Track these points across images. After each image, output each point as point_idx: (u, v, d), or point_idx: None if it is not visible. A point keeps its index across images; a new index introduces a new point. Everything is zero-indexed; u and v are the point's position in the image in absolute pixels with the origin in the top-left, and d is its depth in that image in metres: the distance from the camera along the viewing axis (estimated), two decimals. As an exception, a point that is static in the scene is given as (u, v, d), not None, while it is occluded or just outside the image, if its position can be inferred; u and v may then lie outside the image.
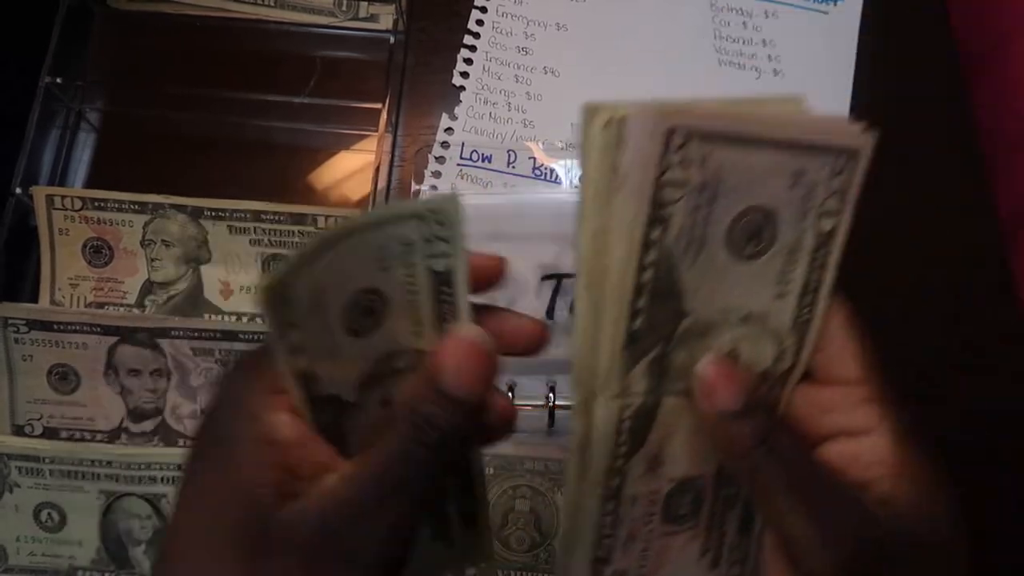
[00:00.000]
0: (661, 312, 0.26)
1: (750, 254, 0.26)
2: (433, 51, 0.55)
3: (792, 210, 0.26)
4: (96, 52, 0.55)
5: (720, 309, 0.27)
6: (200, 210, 0.48)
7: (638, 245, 0.24)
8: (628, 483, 0.28)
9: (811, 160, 0.25)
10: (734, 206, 0.25)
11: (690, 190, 0.24)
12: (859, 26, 0.56)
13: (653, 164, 0.23)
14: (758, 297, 0.27)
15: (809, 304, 0.27)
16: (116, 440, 0.46)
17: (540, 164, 0.52)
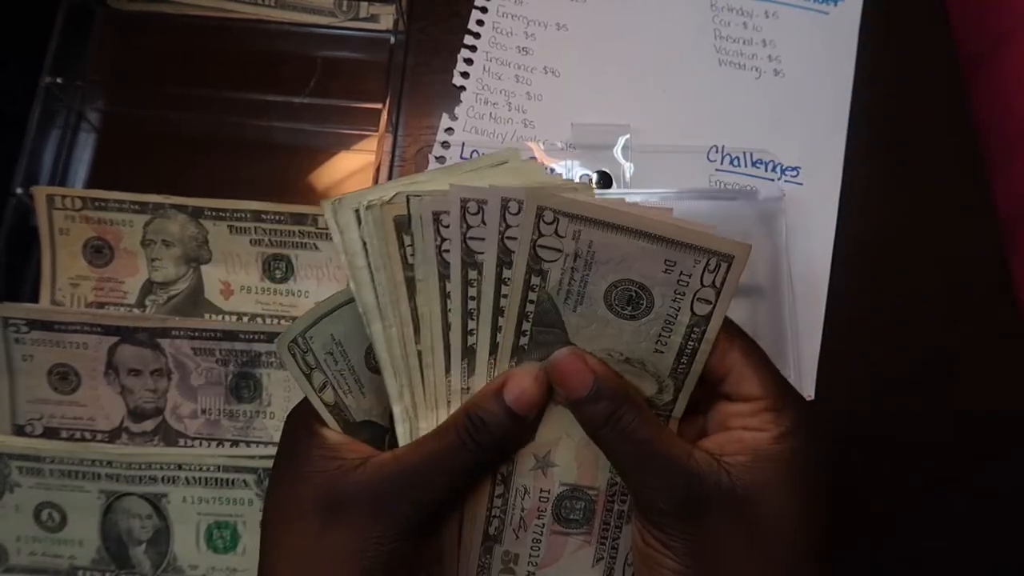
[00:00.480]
0: (545, 336, 0.31)
1: (628, 315, 0.30)
2: (433, 51, 0.55)
3: (666, 289, 0.30)
4: (96, 52, 0.55)
5: (603, 348, 0.31)
6: (200, 210, 0.48)
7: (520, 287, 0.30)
8: (517, 474, 0.32)
9: (683, 254, 0.29)
10: (610, 275, 0.30)
11: (563, 256, 0.29)
12: (859, 26, 0.57)
13: (527, 230, 0.29)
14: (637, 347, 0.31)
15: (686, 363, 0.31)
16: (116, 440, 0.46)
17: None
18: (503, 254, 0.30)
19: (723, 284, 0.29)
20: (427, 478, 0.29)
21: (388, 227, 0.31)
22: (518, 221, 0.29)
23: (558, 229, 0.29)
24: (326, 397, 0.32)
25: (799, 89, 0.55)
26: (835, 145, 0.54)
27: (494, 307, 0.31)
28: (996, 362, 0.50)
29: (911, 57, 0.56)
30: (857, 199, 0.53)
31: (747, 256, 0.29)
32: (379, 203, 0.30)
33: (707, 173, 0.52)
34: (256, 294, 0.49)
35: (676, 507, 0.29)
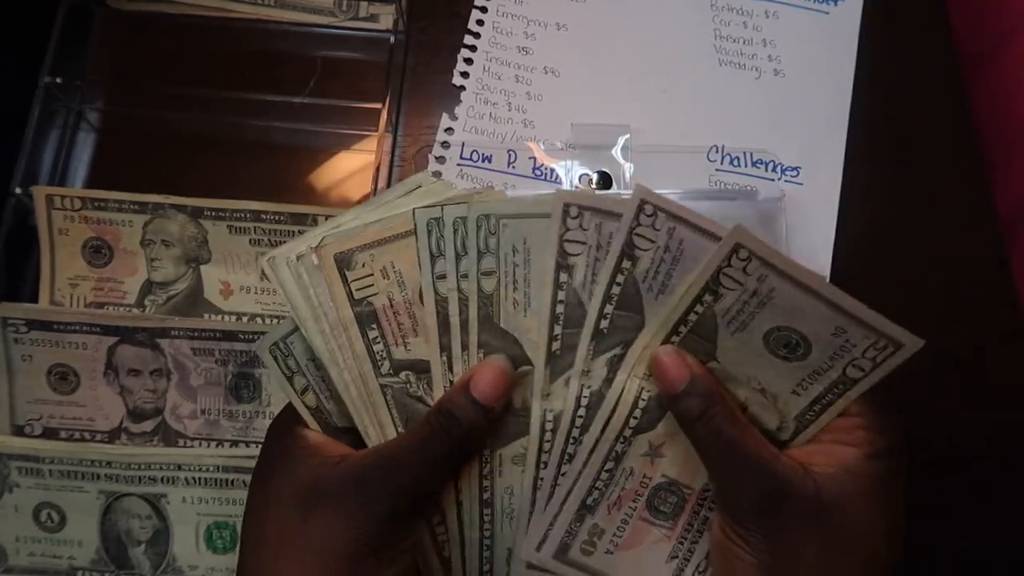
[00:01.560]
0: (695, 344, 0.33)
1: (783, 356, 0.32)
2: (433, 51, 0.55)
3: (828, 348, 0.32)
4: (96, 52, 0.55)
5: (745, 373, 0.33)
6: (200, 210, 0.48)
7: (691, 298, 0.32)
8: (629, 455, 0.34)
9: (857, 328, 0.31)
10: (779, 319, 0.32)
11: (743, 289, 0.31)
12: (859, 26, 0.57)
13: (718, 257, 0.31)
14: (777, 384, 0.33)
15: (816, 412, 0.33)
16: (116, 440, 0.46)
17: (540, 164, 0.52)
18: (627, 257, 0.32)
19: (882, 362, 0.31)
20: (405, 464, 0.31)
21: (329, 267, 0.32)
22: None
23: (747, 268, 0.31)
24: (308, 400, 0.34)
25: (799, 89, 0.55)
26: (835, 145, 0.54)
27: None
28: (996, 362, 0.50)
29: (911, 57, 0.56)
30: (857, 199, 0.52)
31: (916, 349, 0.31)
32: (310, 250, 0.32)
33: (707, 173, 0.52)
34: (256, 294, 0.49)
35: (758, 504, 0.31)
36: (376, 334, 0.33)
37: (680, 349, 0.33)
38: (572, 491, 0.34)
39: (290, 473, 0.32)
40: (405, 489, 0.31)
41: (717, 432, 0.31)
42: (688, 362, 0.32)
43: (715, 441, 0.32)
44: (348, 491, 0.31)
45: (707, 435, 0.32)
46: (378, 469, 0.31)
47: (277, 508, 0.31)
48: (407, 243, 0.33)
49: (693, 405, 0.32)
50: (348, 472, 0.31)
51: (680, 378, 0.32)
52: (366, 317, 0.33)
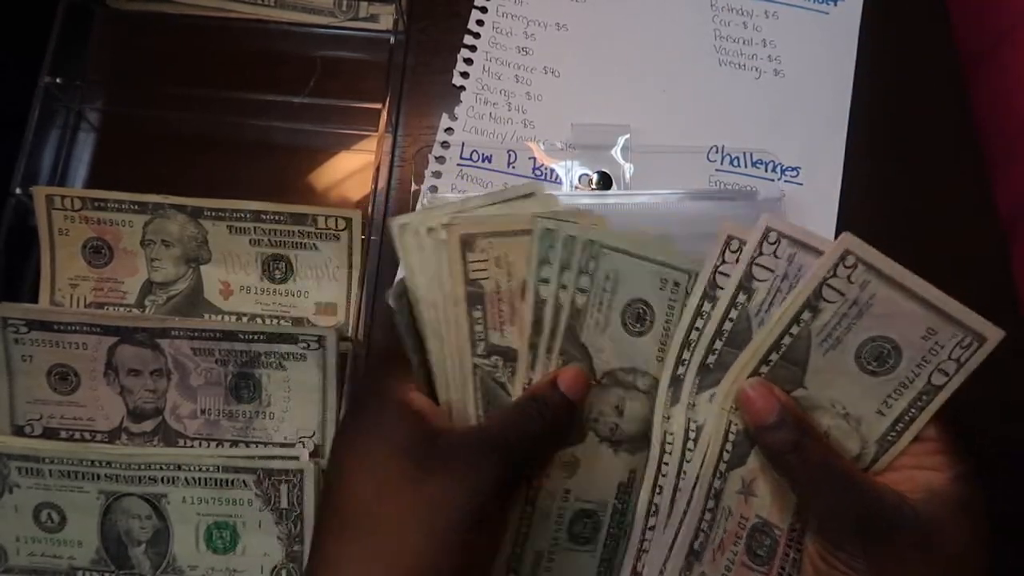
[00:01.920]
0: (784, 372, 0.34)
1: (870, 370, 0.33)
2: (433, 51, 0.55)
3: (916, 353, 0.33)
4: (96, 52, 0.55)
5: (829, 398, 0.34)
6: (200, 210, 0.48)
7: (790, 317, 0.33)
8: (726, 493, 0.35)
9: (947, 326, 0.33)
10: (873, 329, 0.33)
11: (844, 300, 0.33)
12: (859, 26, 0.56)
13: (825, 268, 0.33)
14: (862, 404, 0.34)
15: (898, 432, 0.34)
16: (116, 440, 0.46)
17: (540, 164, 0.52)
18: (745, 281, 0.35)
19: (966, 361, 0.33)
20: (511, 440, 0.32)
21: (454, 245, 0.34)
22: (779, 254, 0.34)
23: (852, 275, 0.33)
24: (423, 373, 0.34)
25: (799, 89, 0.55)
26: (835, 145, 0.54)
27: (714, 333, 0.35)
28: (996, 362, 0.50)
29: (911, 56, 0.56)
30: (857, 199, 0.52)
31: (997, 343, 0.33)
32: (440, 227, 0.35)
33: (707, 173, 0.52)
34: (255, 294, 0.49)
35: (861, 527, 0.31)
36: (479, 315, 0.35)
37: (766, 381, 0.34)
38: (679, 532, 0.35)
39: (402, 432, 0.31)
40: (512, 463, 0.32)
41: (811, 460, 0.32)
42: (776, 393, 0.33)
43: (810, 469, 0.32)
44: (464, 459, 0.31)
45: (801, 464, 0.32)
46: (491, 441, 0.32)
47: (390, 460, 0.31)
48: (521, 240, 0.35)
49: (784, 437, 0.32)
50: (464, 440, 0.32)
51: (768, 410, 0.33)
52: (475, 297, 0.35)
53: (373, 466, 0.31)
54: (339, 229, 0.48)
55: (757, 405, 0.33)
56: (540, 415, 0.33)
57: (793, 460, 0.33)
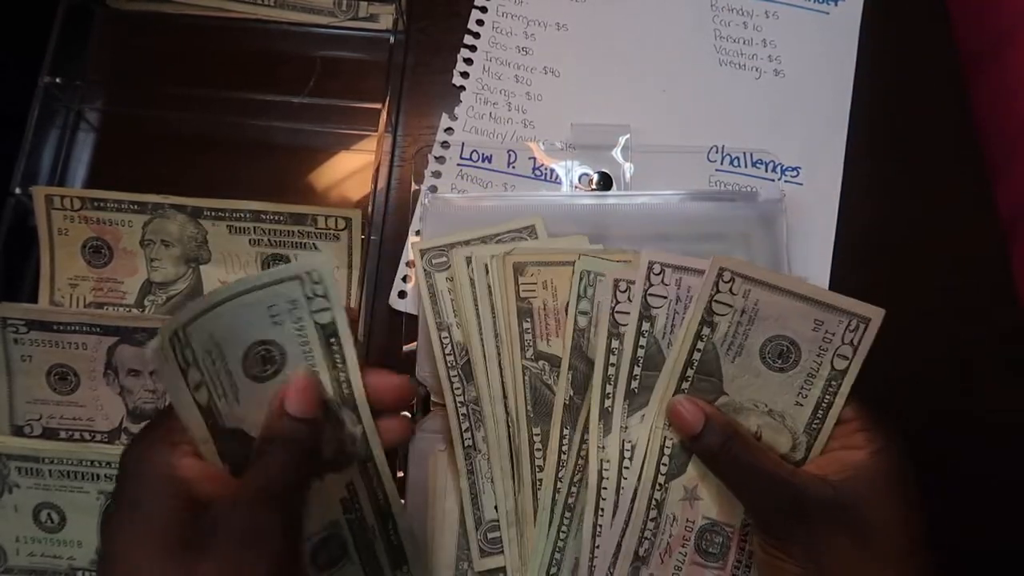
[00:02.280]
0: (703, 384, 0.38)
1: (778, 368, 0.37)
2: (433, 51, 0.55)
3: (813, 345, 0.36)
4: (96, 52, 0.55)
5: (751, 399, 0.38)
6: (200, 210, 0.48)
7: (692, 335, 0.37)
8: (669, 502, 0.38)
9: (830, 315, 0.36)
10: (768, 330, 0.37)
11: (733, 311, 0.37)
12: (859, 26, 0.56)
13: (707, 287, 0.37)
14: (781, 399, 0.37)
15: (820, 418, 0.37)
16: (116, 440, 0.46)
17: (540, 164, 0.52)
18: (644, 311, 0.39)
19: (859, 343, 0.36)
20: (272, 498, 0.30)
21: (508, 271, 0.43)
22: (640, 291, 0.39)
23: (733, 288, 0.37)
24: (200, 397, 0.31)
25: (799, 89, 0.55)
26: (835, 145, 0.54)
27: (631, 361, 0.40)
28: (996, 362, 0.50)
29: (912, 57, 0.56)
30: (857, 199, 0.52)
31: (880, 320, 0.35)
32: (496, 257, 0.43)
33: (707, 173, 0.52)
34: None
35: (784, 515, 0.34)
36: (528, 326, 0.43)
37: (691, 395, 0.38)
38: (622, 543, 0.38)
39: (167, 511, 0.28)
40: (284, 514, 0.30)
41: (736, 461, 0.36)
42: (700, 405, 0.37)
43: (737, 469, 0.36)
44: (237, 528, 0.29)
45: (728, 465, 0.36)
46: (257, 496, 0.30)
47: (155, 555, 0.28)
48: (565, 269, 0.43)
49: (712, 442, 0.36)
50: (231, 508, 0.29)
51: (695, 420, 0.37)
52: (524, 312, 0.43)
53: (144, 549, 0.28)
54: (339, 229, 0.48)
55: (685, 418, 0.37)
56: (280, 451, 0.31)
57: (722, 462, 0.36)
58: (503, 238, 0.47)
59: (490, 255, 0.44)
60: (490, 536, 0.43)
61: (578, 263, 0.42)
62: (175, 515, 0.28)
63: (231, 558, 0.28)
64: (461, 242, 0.46)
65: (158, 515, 0.28)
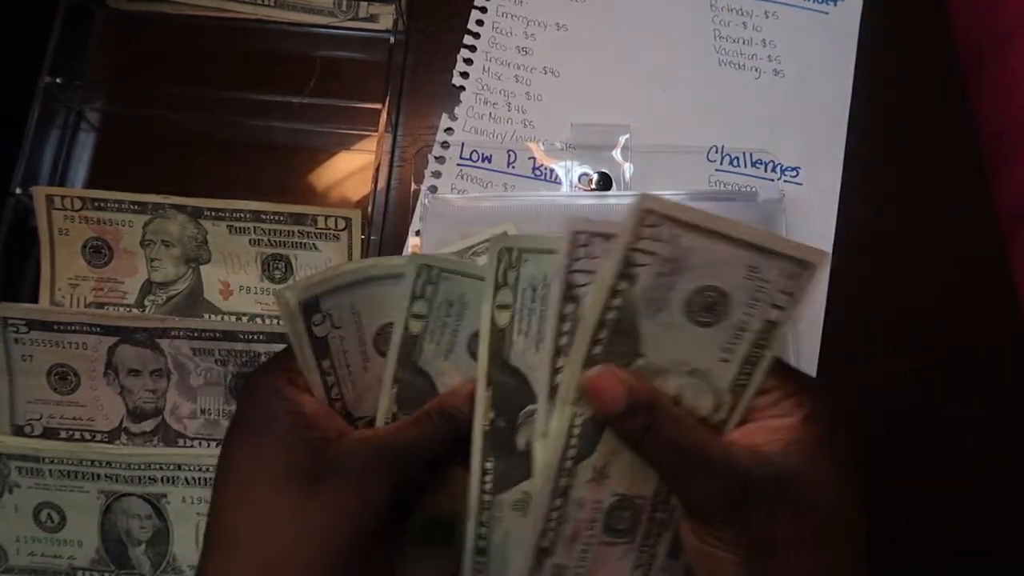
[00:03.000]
0: (618, 346, 0.32)
1: (703, 322, 0.32)
2: (433, 51, 0.55)
3: (744, 295, 0.31)
4: (96, 52, 0.55)
5: (671, 360, 0.32)
6: (200, 210, 0.48)
7: (607, 290, 0.31)
8: (575, 486, 0.32)
9: (767, 260, 0.31)
10: (696, 280, 0.31)
11: (656, 259, 0.31)
12: (859, 26, 0.56)
13: (628, 233, 0.30)
14: (704, 357, 0.32)
15: (747, 374, 0.32)
16: (116, 440, 0.46)
17: (540, 164, 0.52)
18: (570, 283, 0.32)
19: (795, 290, 0.31)
20: (408, 458, 0.31)
21: None
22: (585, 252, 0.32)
23: (659, 233, 0.31)
24: (324, 365, 0.32)
25: (799, 89, 0.55)
26: (835, 145, 0.54)
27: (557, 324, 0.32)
28: (996, 362, 0.50)
29: (911, 57, 0.56)
30: (857, 199, 0.52)
31: (826, 265, 0.31)
32: None
33: (707, 173, 0.52)
34: (255, 294, 0.49)
35: (726, 506, 0.30)
36: None
37: (609, 366, 0.31)
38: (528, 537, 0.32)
39: (291, 442, 0.29)
40: (411, 479, 0.31)
41: (666, 443, 0.31)
42: (621, 378, 0.31)
43: (666, 453, 0.31)
44: (359, 471, 0.29)
45: (656, 449, 0.31)
46: (388, 454, 0.30)
47: (274, 479, 0.29)
48: None
49: (637, 423, 0.31)
50: (351, 456, 0.30)
51: (617, 398, 0.31)
52: None
53: (252, 497, 0.29)
54: (339, 229, 0.48)
55: (605, 395, 0.31)
56: (447, 431, 0.32)
57: (649, 445, 0.31)
58: (478, 249, 0.46)
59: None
60: None
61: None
62: (297, 443, 0.29)
63: (350, 495, 0.29)
64: None
65: (280, 442, 0.29)
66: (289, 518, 0.29)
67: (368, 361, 0.34)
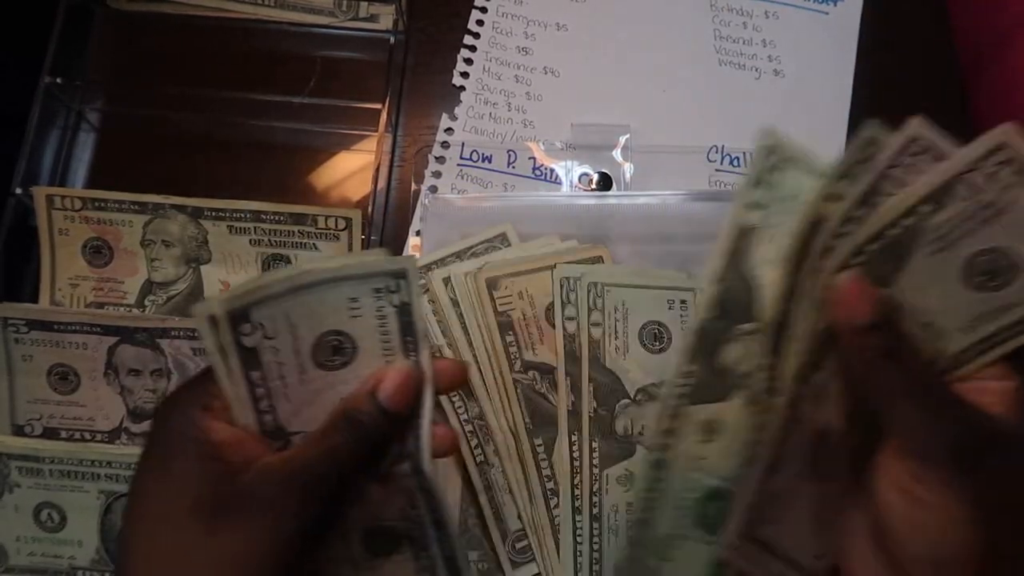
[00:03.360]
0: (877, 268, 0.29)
1: (976, 284, 0.29)
2: (433, 51, 0.55)
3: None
4: (96, 52, 0.55)
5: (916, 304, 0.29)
6: (200, 210, 0.48)
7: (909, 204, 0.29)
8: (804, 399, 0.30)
9: None
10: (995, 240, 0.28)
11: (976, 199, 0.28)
12: (859, 26, 0.56)
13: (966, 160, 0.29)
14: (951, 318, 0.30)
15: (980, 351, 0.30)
16: (116, 440, 0.46)
17: (540, 164, 0.52)
18: None
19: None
20: (316, 479, 0.29)
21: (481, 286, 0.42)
22: None
23: (998, 174, 0.29)
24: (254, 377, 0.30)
25: (799, 89, 0.55)
26: (835, 145, 0.54)
27: None
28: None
29: (911, 57, 0.56)
30: (857, 199, 0.52)
31: None
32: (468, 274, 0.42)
33: (707, 173, 0.52)
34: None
35: (960, 453, 0.27)
36: (512, 339, 0.43)
37: (862, 276, 0.29)
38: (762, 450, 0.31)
39: (189, 479, 0.28)
40: (320, 496, 0.29)
41: (904, 371, 0.28)
42: (872, 290, 0.29)
43: (902, 380, 0.28)
44: (253, 508, 0.28)
45: (891, 375, 0.29)
46: (298, 479, 0.28)
47: (177, 514, 0.27)
48: (538, 275, 0.43)
49: (878, 341, 0.29)
50: (255, 486, 0.28)
51: (864, 309, 0.29)
52: (505, 326, 0.42)
53: (155, 531, 0.28)
54: (339, 229, 0.48)
55: (851, 301, 0.29)
56: (349, 433, 0.30)
57: (883, 368, 0.29)
58: (477, 250, 0.47)
59: (463, 273, 0.44)
60: (518, 546, 0.43)
61: (556, 273, 0.43)
62: (203, 476, 0.28)
63: (255, 528, 0.27)
64: (436, 261, 0.46)
65: (185, 475, 0.28)
66: (187, 558, 0.27)
67: (305, 373, 0.32)
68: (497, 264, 0.45)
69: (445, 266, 0.46)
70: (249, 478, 0.28)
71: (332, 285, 0.31)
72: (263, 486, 0.28)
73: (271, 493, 0.28)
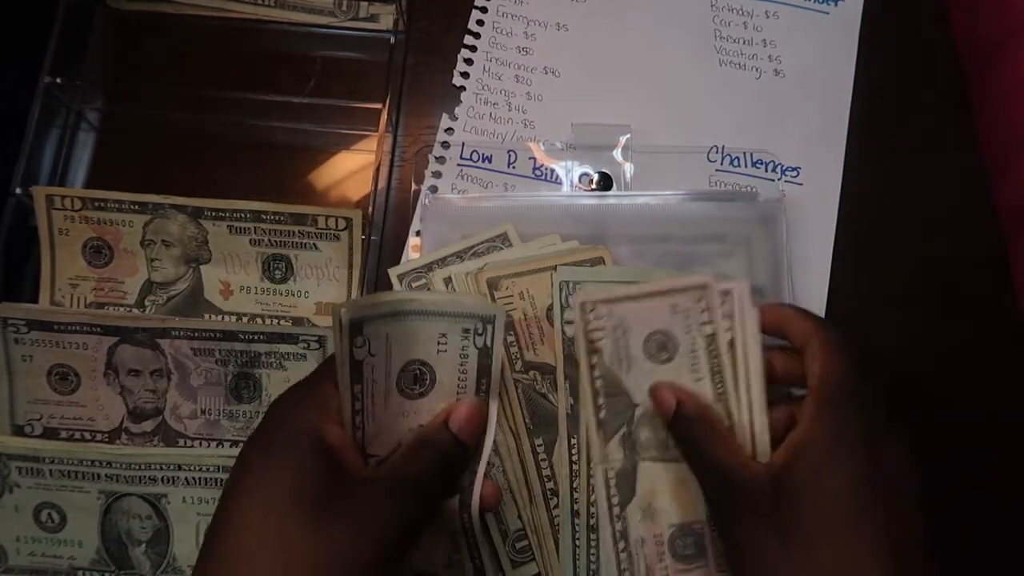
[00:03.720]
0: (615, 405, 0.39)
1: (666, 359, 0.38)
2: (433, 51, 0.55)
3: (679, 327, 0.38)
4: (96, 52, 0.55)
5: None
6: (200, 210, 0.48)
7: (587, 366, 0.39)
8: (631, 527, 0.39)
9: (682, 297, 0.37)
10: (640, 332, 0.38)
11: (606, 331, 0.38)
12: (859, 26, 0.56)
13: (579, 323, 0.38)
14: (682, 384, 0.38)
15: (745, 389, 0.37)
16: (116, 440, 0.46)
17: (540, 164, 0.52)
18: None
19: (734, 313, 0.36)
20: (412, 489, 0.32)
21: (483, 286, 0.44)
22: None
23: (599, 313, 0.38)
24: (356, 390, 0.33)
25: (799, 89, 0.55)
26: (835, 145, 0.54)
27: None
28: (995, 362, 0.50)
29: (912, 57, 0.56)
30: (857, 199, 0.52)
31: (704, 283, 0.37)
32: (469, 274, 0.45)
33: (707, 173, 0.52)
34: (256, 294, 0.49)
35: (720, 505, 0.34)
36: (512, 339, 0.43)
37: (668, 381, 0.38)
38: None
39: (308, 466, 0.30)
40: (420, 504, 0.32)
41: (693, 446, 0.36)
42: (673, 390, 0.37)
43: (691, 456, 0.36)
44: (372, 500, 0.30)
45: (687, 452, 0.37)
46: (390, 488, 0.31)
47: (282, 501, 0.29)
48: (538, 276, 0.44)
49: (680, 426, 0.36)
50: (365, 486, 0.30)
51: (669, 404, 0.36)
52: (506, 325, 0.40)
53: (268, 510, 0.29)
54: (339, 229, 0.48)
55: (664, 403, 0.37)
56: (430, 457, 0.33)
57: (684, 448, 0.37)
58: (478, 250, 0.47)
59: (464, 273, 0.45)
60: (518, 546, 0.43)
61: (555, 275, 0.43)
62: (316, 471, 0.30)
63: (360, 526, 0.29)
64: (438, 261, 0.46)
65: (299, 467, 0.30)
66: (289, 544, 0.28)
67: (388, 397, 0.34)
68: (498, 264, 0.45)
69: (446, 266, 0.46)
70: (359, 478, 0.31)
71: (430, 318, 0.34)
72: (371, 486, 0.31)
73: (376, 493, 0.30)
